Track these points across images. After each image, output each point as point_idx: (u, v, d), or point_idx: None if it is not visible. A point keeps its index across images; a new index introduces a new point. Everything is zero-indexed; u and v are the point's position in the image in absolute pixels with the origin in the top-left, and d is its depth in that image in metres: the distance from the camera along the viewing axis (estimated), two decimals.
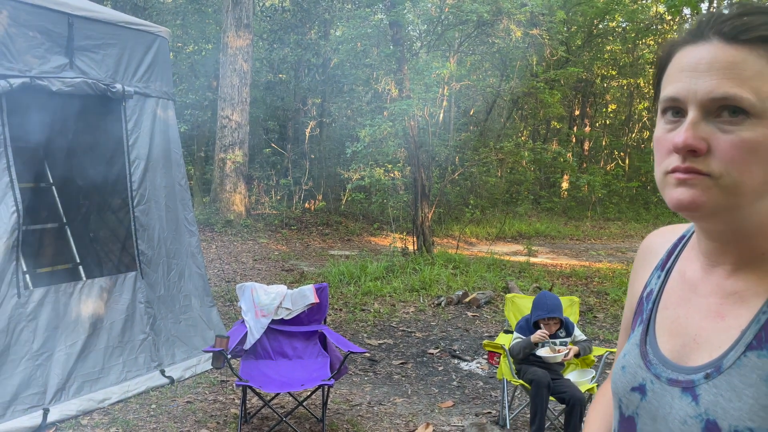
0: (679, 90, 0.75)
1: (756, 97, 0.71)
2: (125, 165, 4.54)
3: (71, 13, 4.14)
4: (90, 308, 4.17)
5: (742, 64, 0.71)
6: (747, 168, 0.71)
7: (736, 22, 0.73)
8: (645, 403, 0.83)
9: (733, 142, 0.71)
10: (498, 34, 12.18)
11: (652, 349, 0.85)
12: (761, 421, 0.70)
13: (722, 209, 0.73)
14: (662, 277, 0.90)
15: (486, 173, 15.41)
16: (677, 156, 0.74)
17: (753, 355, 0.73)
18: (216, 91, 13.41)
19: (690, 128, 0.73)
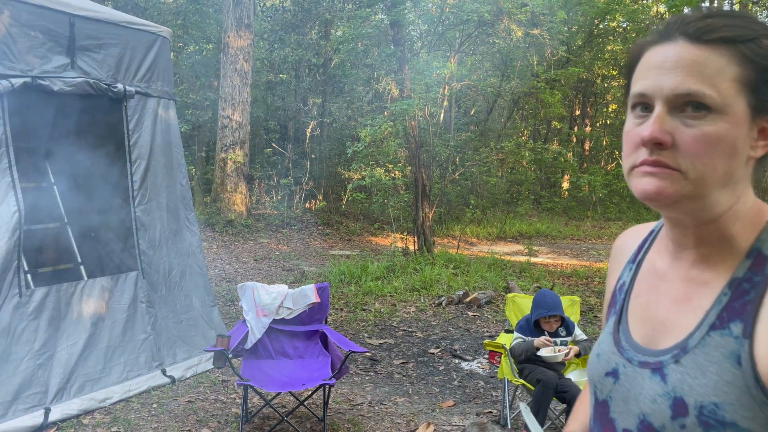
0: (646, 86, 0.79)
1: (717, 94, 0.76)
2: (126, 164, 4.55)
3: (73, 13, 4.15)
4: (91, 308, 4.17)
5: (705, 63, 0.77)
6: (710, 160, 0.76)
7: (699, 24, 0.78)
8: (618, 386, 0.88)
9: (696, 135, 0.76)
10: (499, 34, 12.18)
11: (625, 336, 0.90)
12: (725, 396, 0.74)
13: (687, 199, 0.78)
14: (633, 269, 0.96)
15: (487, 173, 15.41)
16: (645, 150, 0.79)
17: (716, 335, 0.77)
18: (217, 91, 13.41)
19: (656, 122, 0.78)
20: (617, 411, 0.88)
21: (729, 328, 0.77)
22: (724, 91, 0.76)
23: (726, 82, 0.76)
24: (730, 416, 0.74)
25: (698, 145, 0.76)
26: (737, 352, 0.75)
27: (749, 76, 0.77)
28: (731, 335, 0.77)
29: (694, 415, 0.77)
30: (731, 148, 0.77)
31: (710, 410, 0.75)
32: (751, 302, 0.77)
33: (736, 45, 0.77)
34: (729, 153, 0.77)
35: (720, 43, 0.77)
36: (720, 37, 0.77)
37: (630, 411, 0.86)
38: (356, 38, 11.21)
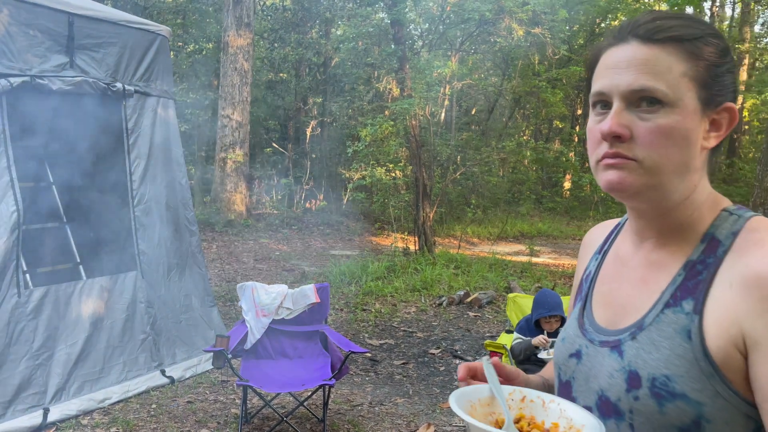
0: (604, 85, 0.86)
1: (668, 88, 0.82)
2: (125, 164, 4.53)
3: (72, 12, 4.13)
4: (90, 308, 4.15)
5: (655, 61, 0.83)
6: (664, 150, 0.83)
7: (649, 26, 0.85)
8: (580, 367, 0.93)
9: (651, 128, 0.83)
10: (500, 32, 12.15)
11: (588, 320, 0.96)
12: (676, 368, 0.80)
13: (646, 188, 0.84)
14: (599, 259, 1.02)
15: (488, 173, 15.38)
16: (606, 144, 0.85)
17: (669, 312, 0.83)
18: (216, 90, 13.39)
19: (614, 117, 0.84)
20: (579, 390, 0.93)
21: (681, 306, 0.83)
22: (675, 86, 0.82)
23: (676, 78, 0.83)
24: (680, 387, 0.79)
25: (653, 137, 0.82)
26: (688, 327, 0.81)
27: (698, 72, 0.84)
28: (683, 312, 0.82)
29: (646, 386, 0.81)
30: (684, 138, 0.83)
31: (662, 382, 0.80)
32: (703, 281, 0.82)
33: (683, 43, 0.84)
34: (682, 143, 0.83)
35: (668, 42, 0.84)
36: (668, 37, 0.84)
37: (590, 389, 0.91)
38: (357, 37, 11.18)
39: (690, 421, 0.79)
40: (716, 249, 0.84)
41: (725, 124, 0.87)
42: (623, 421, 0.85)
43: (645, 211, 0.90)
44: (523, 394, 0.90)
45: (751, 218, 0.85)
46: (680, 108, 0.83)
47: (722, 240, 0.84)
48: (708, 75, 0.84)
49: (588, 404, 0.91)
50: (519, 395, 0.90)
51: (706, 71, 0.84)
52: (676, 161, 0.83)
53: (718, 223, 0.87)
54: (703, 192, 0.89)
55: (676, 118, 0.82)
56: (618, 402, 0.85)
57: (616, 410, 0.86)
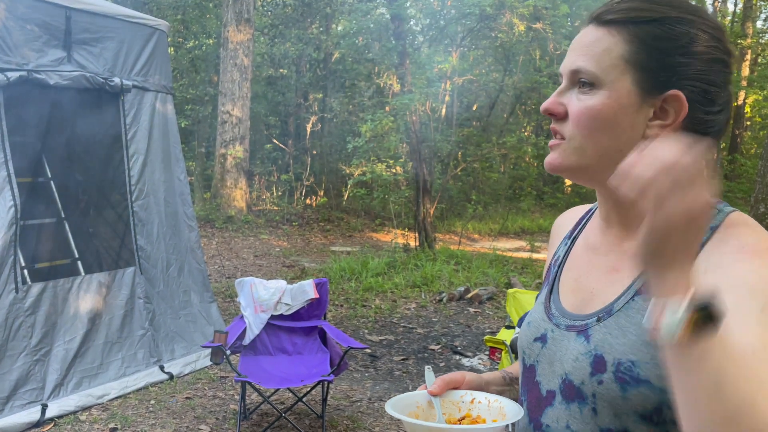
0: (562, 65, 0.88)
1: (598, 69, 0.82)
2: (124, 159, 4.51)
3: (69, 6, 4.10)
4: (88, 303, 4.14)
5: (597, 42, 0.84)
6: (589, 132, 0.83)
7: (606, 8, 0.85)
8: (545, 350, 0.92)
9: (579, 107, 0.83)
10: (501, 28, 12.11)
11: (555, 305, 0.95)
12: (641, 354, 0.79)
13: (576, 169, 0.85)
14: (568, 244, 1.01)
15: (489, 169, 15.35)
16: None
17: (640, 299, 0.82)
18: (216, 86, 13.37)
19: (554, 95, 0.86)
20: (542, 374, 0.92)
21: None
22: (607, 68, 0.82)
23: (611, 60, 0.82)
24: (644, 374, 0.78)
25: (580, 116, 0.83)
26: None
27: (638, 56, 0.82)
28: None
29: (611, 371, 0.80)
30: (611, 122, 0.82)
31: (627, 367, 0.79)
32: None
33: (627, 26, 0.82)
34: (608, 127, 0.82)
35: (613, 24, 0.83)
36: (614, 19, 0.83)
37: (554, 372, 0.90)
38: (357, 32, 11.15)
39: (652, 407, 0.78)
40: None
41: (672, 113, 0.82)
42: (586, 405, 0.84)
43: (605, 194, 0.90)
44: (473, 396, 0.98)
45: (730, 213, 0.83)
46: (609, 90, 0.82)
47: None
48: (650, 59, 0.81)
49: (551, 388, 0.90)
50: (469, 398, 0.99)
51: (648, 56, 0.81)
52: (602, 144, 0.83)
53: None
54: None
55: (603, 100, 0.82)
56: (582, 386, 0.84)
57: (579, 394, 0.85)
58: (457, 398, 0.98)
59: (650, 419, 0.79)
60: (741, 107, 18.89)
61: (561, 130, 0.85)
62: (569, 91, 0.86)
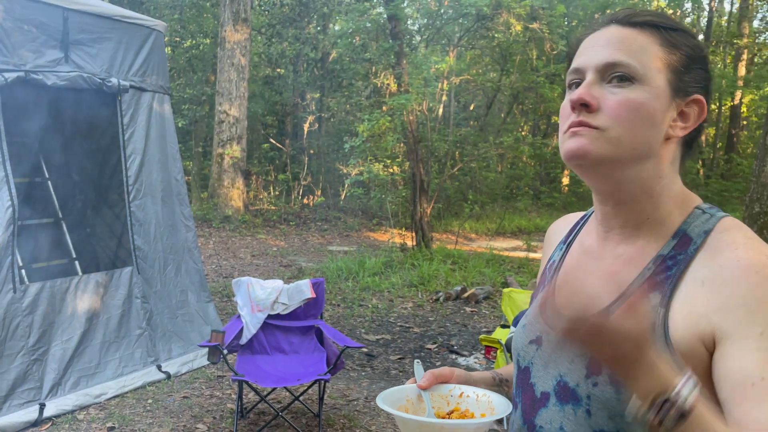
0: (581, 62, 0.89)
1: (639, 65, 0.84)
2: (121, 160, 4.52)
3: (66, 7, 4.12)
4: (86, 303, 4.15)
5: (631, 40, 0.86)
6: (629, 124, 0.83)
7: (628, 12, 0.90)
8: (540, 353, 0.94)
9: (619, 100, 0.84)
10: (498, 28, 12.14)
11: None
12: None
13: (606, 159, 0.84)
14: (564, 249, 1.03)
15: (486, 168, 15.37)
16: (574, 115, 0.86)
17: None
18: (214, 85, 13.37)
19: (585, 86, 0.86)
20: (537, 376, 0.94)
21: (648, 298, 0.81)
22: (647, 64, 0.84)
23: (650, 58, 0.85)
24: None
25: (620, 108, 0.83)
26: (652, 319, 0.80)
27: (671, 59, 0.86)
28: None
29: (606, 373, 0.82)
30: (649, 117, 0.84)
31: None
32: (672, 276, 0.83)
33: (659, 30, 0.87)
34: (647, 121, 0.84)
35: (645, 27, 0.87)
36: (645, 21, 0.87)
37: (549, 374, 0.91)
38: (354, 32, 11.17)
39: None
40: (687, 246, 0.85)
41: (693, 116, 0.87)
42: (580, 407, 0.85)
43: (608, 195, 0.90)
44: (461, 390, 1.00)
45: (723, 218, 0.86)
46: (649, 86, 0.84)
47: (694, 238, 0.85)
48: (680, 64, 0.86)
49: (546, 390, 0.91)
50: (458, 392, 1.00)
51: (678, 59, 0.86)
52: (639, 138, 0.84)
53: (690, 221, 0.87)
54: (672, 188, 0.89)
55: (644, 94, 0.84)
56: (576, 387, 0.86)
57: (574, 396, 0.86)
58: (446, 392, 1.00)
59: None
60: (737, 107, 18.96)
61: (591, 121, 0.85)
62: (596, 84, 0.86)
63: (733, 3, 20.92)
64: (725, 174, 18.16)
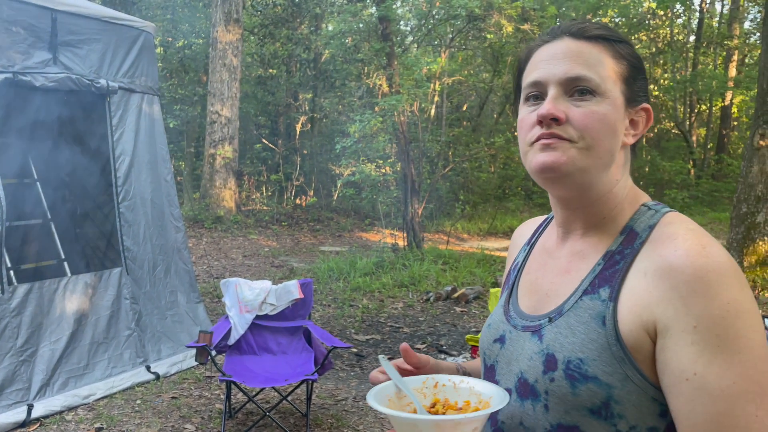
0: (540, 75, 0.90)
1: (599, 79, 0.88)
2: (110, 161, 4.53)
3: (55, 8, 4.13)
4: (75, 304, 4.16)
5: (588, 54, 0.89)
6: (597, 135, 0.87)
7: (581, 26, 0.92)
8: (503, 351, 0.97)
9: (586, 112, 0.87)
10: (489, 28, 12.18)
11: (513, 307, 1.01)
12: (589, 352, 0.84)
13: (577, 171, 0.88)
14: (527, 250, 1.07)
15: (478, 169, 15.42)
16: (539, 128, 0.89)
17: (587, 299, 0.88)
18: (206, 86, 13.36)
19: (551, 101, 0.88)
20: (501, 373, 0.97)
21: (598, 293, 0.87)
22: (605, 77, 0.89)
23: (605, 70, 0.89)
24: (592, 370, 0.83)
25: (588, 119, 0.87)
26: (603, 313, 0.85)
27: (622, 70, 0.90)
28: (599, 299, 0.86)
29: (561, 369, 0.86)
30: (612, 128, 0.88)
31: (576, 364, 0.84)
32: (620, 270, 0.86)
33: (611, 42, 0.91)
34: (611, 132, 0.88)
35: (599, 40, 0.91)
36: (597, 35, 0.91)
37: (511, 371, 0.94)
38: (346, 33, 11.18)
39: (600, 402, 0.83)
40: (634, 241, 0.88)
41: (642, 123, 0.93)
42: (539, 402, 0.88)
43: (570, 200, 0.94)
44: (435, 380, 0.97)
45: (667, 213, 0.90)
46: (609, 99, 0.88)
47: (639, 232, 0.88)
48: (629, 74, 0.91)
49: (508, 386, 0.94)
50: (432, 382, 0.97)
51: (627, 70, 0.91)
52: (606, 148, 0.88)
53: (637, 217, 0.91)
54: (624, 187, 0.93)
55: (606, 106, 0.88)
56: (535, 383, 0.89)
57: (533, 391, 0.89)
58: (420, 384, 0.96)
59: (599, 414, 0.83)
60: (728, 107, 19.08)
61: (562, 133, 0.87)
62: (561, 97, 0.89)
63: (723, 4, 21.06)
64: (716, 174, 18.27)
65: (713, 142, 19.85)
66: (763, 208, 7.73)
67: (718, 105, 19.47)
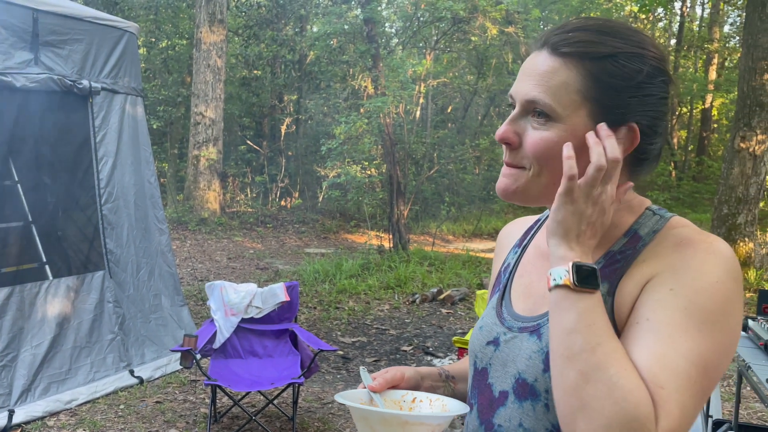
0: (513, 89, 0.90)
1: (556, 104, 0.84)
2: (93, 162, 4.47)
3: (36, 8, 4.06)
4: (56, 308, 4.10)
5: (553, 74, 0.85)
6: (546, 161, 0.86)
7: (561, 36, 0.86)
8: (497, 353, 0.95)
9: (534, 139, 0.86)
10: (474, 31, 12.23)
11: (507, 309, 0.99)
12: None
13: (533, 195, 0.89)
14: (519, 252, 1.05)
15: (463, 170, 15.46)
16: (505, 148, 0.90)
17: None
18: (189, 87, 13.27)
19: (508, 123, 0.88)
20: (495, 376, 0.95)
21: None
22: (565, 103, 0.84)
23: (568, 94, 0.84)
24: None
25: (535, 148, 0.86)
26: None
27: (594, 92, 0.84)
28: None
29: None
30: None
31: None
32: (620, 269, 0.86)
33: (584, 61, 0.84)
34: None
35: (571, 57, 0.85)
36: (571, 52, 0.85)
37: (507, 373, 0.93)
38: (331, 34, 11.17)
39: None
40: (636, 243, 0.88)
41: (624, 143, 0.85)
42: (539, 402, 0.87)
43: None
44: (414, 396, 1.02)
45: (672, 218, 0.89)
46: (565, 124, 0.84)
47: (643, 236, 0.88)
48: (605, 96, 0.84)
49: (504, 389, 0.93)
50: (410, 397, 1.02)
51: (602, 92, 0.84)
52: (558, 173, 0.84)
53: (642, 221, 0.90)
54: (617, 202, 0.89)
55: (559, 133, 0.84)
56: (535, 383, 0.88)
57: (532, 391, 0.88)
58: (398, 397, 1.01)
59: None
60: (708, 110, 19.34)
61: (514, 160, 0.88)
62: (522, 118, 0.87)
63: (704, 8, 21.34)
64: (696, 176, 18.50)
65: (694, 144, 20.10)
66: (744, 210, 7.84)
67: (698, 108, 19.72)
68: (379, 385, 1.02)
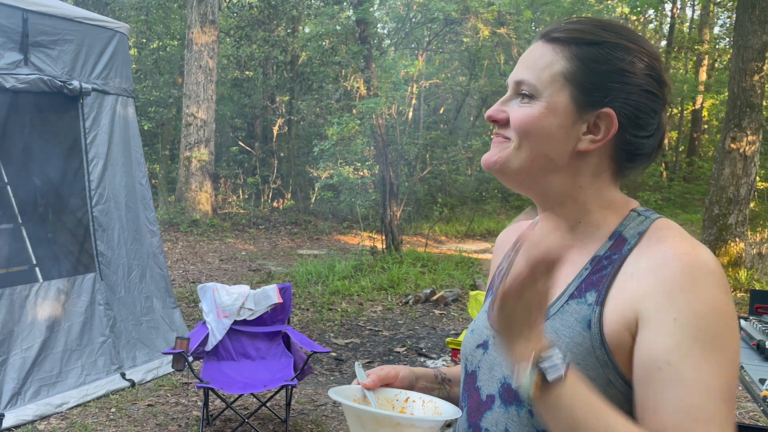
0: (510, 76, 0.94)
1: (538, 83, 0.88)
2: (83, 164, 4.44)
3: (26, 8, 4.03)
4: (47, 310, 4.06)
5: (540, 58, 0.90)
6: (526, 136, 0.89)
7: (554, 26, 0.92)
8: (486, 356, 0.96)
9: (518, 113, 0.89)
10: (466, 32, 12.25)
11: None
12: (573, 355, 0.83)
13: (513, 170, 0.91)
14: (511, 256, 1.06)
15: (455, 171, 15.48)
16: None
17: (573, 303, 0.87)
18: (181, 88, 13.21)
19: (498, 103, 0.93)
20: (483, 379, 0.96)
21: (585, 297, 0.86)
22: (546, 82, 0.88)
23: (551, 75, 0.88)
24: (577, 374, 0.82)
25: (516, 122, 0.89)
26: (588, 317, 0.84)
27: (576, 74, 0.88)
28: (586, 303, 0.86)
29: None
30: (544, 132, 0.88)
31: None
32: (607, 275, 0.86)
33: (570, 45, 0.89)
34: (543, 135, 0.88)
35: (557, 42, 0.90)
36: (558, 37, 0.90)
37: (494, 377, 0.93)
38: (323, 35, 11.15)
39: None
40: (622, 246, 0.87)
41: (603, 129, 0.88)
42: (523, 408, 0.87)
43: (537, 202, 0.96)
44: (407, 395, 1.02)
45: (657, 219, 0.89)
46: (545, 103, 0.88)
47: (628, 238, 0.88)
48: (586, 79, 0.87)
49: (491, 393, 0.93)
50: (404, 396, 1.02)
51: (584, 75, 0.87)
52: (536, 150, 0.88)
53: (626, 223, 0.90)
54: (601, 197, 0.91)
55: (539, 110, 0.88)
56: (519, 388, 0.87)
57: (517, 397, 0.88)
58: (392, 396, 1.01)
59: None
60: (699, 111, 19.46)
61: (503, 132, 0.91)
62: (512, 100, 0.91)
63: (694, 10, 21.47)
64: (687, 177, 18.61)
65: (684, 144, 20.22)
66: (735, 210, 7.88)
67: (689, 108, 19.84)
68: (372, 383, 1.01)
